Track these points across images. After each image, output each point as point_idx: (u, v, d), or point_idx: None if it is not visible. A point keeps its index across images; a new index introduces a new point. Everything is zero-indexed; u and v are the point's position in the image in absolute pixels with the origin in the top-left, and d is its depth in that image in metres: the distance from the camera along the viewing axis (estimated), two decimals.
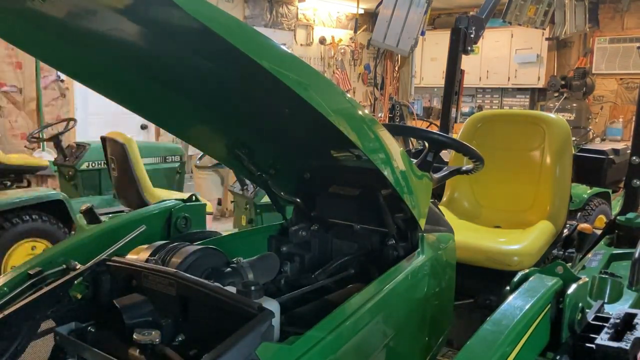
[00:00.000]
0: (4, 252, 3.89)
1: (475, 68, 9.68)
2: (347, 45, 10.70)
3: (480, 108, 9.78)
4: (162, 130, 7.34)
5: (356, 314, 1.33)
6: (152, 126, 7.47)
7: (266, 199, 3.50)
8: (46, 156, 6.07)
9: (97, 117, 7.15)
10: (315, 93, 1.20)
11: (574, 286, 1.49)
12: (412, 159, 1.70)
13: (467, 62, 3.90)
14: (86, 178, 5.36)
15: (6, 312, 1.32)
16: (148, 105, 1.65)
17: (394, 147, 1.51)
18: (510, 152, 3.00)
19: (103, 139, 4.71)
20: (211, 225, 4.88)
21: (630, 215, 2.70)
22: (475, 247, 2.46)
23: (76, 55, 1.45)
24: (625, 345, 1.31)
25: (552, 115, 3.19)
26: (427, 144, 1.88)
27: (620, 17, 9.07)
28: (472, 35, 3.61)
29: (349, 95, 1.41)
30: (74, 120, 5.71)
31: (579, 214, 4.46)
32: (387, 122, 7.17)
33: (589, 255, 2.55)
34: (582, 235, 2.92)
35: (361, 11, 9.90)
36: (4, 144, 6.31)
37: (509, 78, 9.89)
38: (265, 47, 1.14)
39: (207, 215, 2.30)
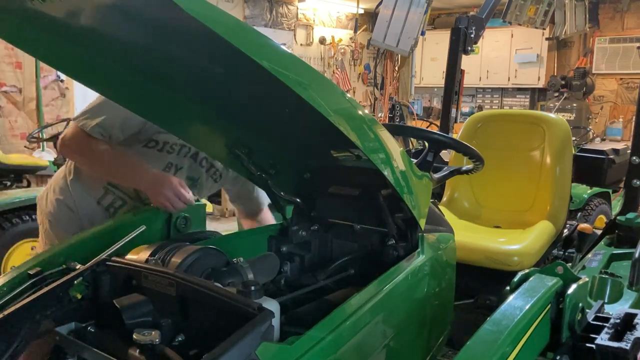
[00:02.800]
0: (4, 252, 3.88)
1: (475, 68, 9.68)
2: (347, 45, 10.70)
3: (480, 108, 9.79)
4: None
5: (356, 314, 1.33)
6: None
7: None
8: (46, 156, 6.06)
9: None
10: (315, 93, 1.20)
11: (574, 286, 1.49)
12: (412, 159, 1.70)
13: (467, 62, 3.90)
14: None
15: (6, 312, 1.32)
16: (148, 105, 1.65)
17: (394, 147, 1.51)
18: (510, 152, 3.01)
19: None
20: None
21: (630, 215, 2.70)
22: (475, 247, 2.46)
23: (76, 55, 1.45)
24: (625, 345, 1.31)
25: (552, 115, 3.19)
26: (427, 144, 1.88)
27: (620, 17, 9.08)
28: (472, 35, 3.61)
29: (348, 95, 1.41)
30: None
31: (579, 214, 4.46)
32: (387, 122, 7.17)
33: (589, 255, 2.55)
34: (582, 235, 2.92)
35: (361, 11, 9.91)
36: (4, 144, 6.31)
37: (509, 78, 9.90)
38: (265, 47, 1.14)
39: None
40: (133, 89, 1.57)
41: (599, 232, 2.92)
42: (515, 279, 1.57)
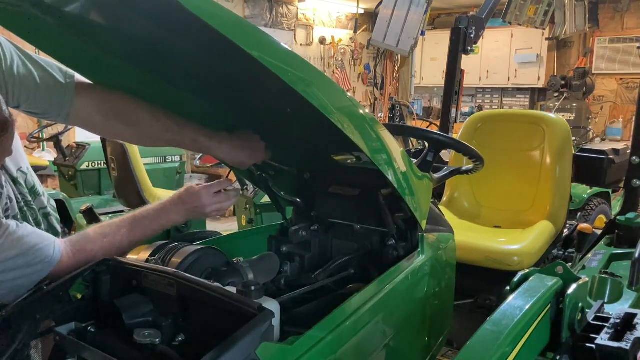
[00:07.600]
0: None
1: (475, 68, 9.68)
2: (347, 45, 10.70)
3: (480, 108, 9.78)
4: None
5: (356, 314, 1.33)
6: None
7: (266, 199, 3.50)
8: (46, 156, 6.07)
9: None
10: (317, 91, 1.20)
11: (574, 286, 1.49)
12: (412, 159, 1.70)
13: (467, 62, 3.90)
14: (86, 178, 5.36)
15: (6, 312, 1.32)
16: (150, 101, 1.65)
17: (395, 147, 1.51)
18: (510, 152, 3.01)
19: (103, 139, 4.71)
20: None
21: (630, 215, 2.70)
22: (475, 247, 2.46)
23: (75, 48, 1.45)
24: (625, 345, 1.31)
25: (552, 115, 3.20)
26: (427, 144, 1.88)
27: (620, 17, 9.08)
28: (472, 35, 3.61)
29: (349, 94, 1.41)
30: None
31: (579, 214, 4.46)
32: (387, 122, 7.17)
33: (589, 255, 2.55)
34: (582, 235, 2.92)
35: (361, 11, 9.90)
36: None
37: (509, 78, 9.89)
38: (267, 45, 1.14)
39: None
40: (133, 85, 1.57)
41: (599, 232, 2.93)
42: (515, 279, 1.57)
